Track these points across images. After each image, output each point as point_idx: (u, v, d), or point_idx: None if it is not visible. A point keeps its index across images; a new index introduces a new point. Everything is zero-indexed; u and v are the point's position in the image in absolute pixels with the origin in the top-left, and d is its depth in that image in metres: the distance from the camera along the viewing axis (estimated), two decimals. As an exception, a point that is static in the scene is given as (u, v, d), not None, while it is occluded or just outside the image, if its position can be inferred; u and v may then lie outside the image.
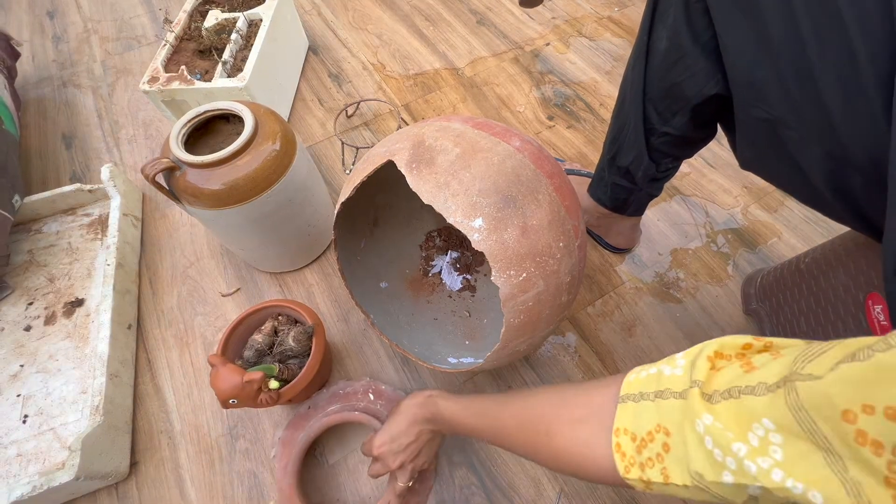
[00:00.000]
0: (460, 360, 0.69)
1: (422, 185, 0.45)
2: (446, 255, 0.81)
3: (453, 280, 0.79)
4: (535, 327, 0.49)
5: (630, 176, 0.67)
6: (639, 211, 0.75)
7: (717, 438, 0.24)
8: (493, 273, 0.44)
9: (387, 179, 0.60)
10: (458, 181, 0.44)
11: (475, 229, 0.43)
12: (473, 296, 0.78)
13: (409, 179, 0.45)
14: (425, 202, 0.44)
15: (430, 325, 0.75)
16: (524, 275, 0.44)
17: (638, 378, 0.31)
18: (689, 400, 0.26)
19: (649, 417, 0.28)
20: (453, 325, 0.75)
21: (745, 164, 0.51)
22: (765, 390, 0.23)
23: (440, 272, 0.80)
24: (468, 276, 0.79)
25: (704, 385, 0.26)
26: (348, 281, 0.64)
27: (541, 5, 1.25)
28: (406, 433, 0.52)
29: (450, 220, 0.43)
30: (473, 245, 0.43)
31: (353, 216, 0.70)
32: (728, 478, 0.24)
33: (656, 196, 0.72)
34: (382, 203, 0.75)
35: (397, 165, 0.47)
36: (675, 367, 0.29)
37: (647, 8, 0.52)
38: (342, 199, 0.54)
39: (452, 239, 0.82)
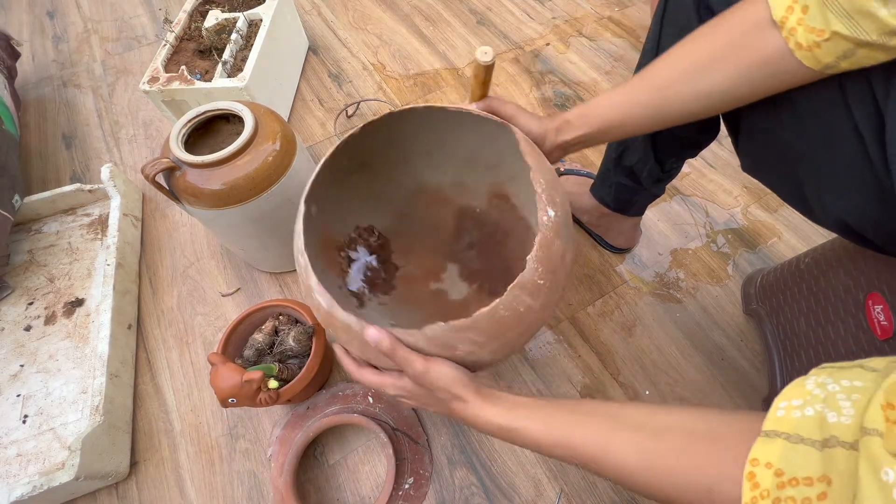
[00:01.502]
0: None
1: (529, 153, 0.46)
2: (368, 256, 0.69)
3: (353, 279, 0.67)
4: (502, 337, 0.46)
5: (634, 176, 0.67)
6: (640, 211, 0.75)
7: None
8: (529, 256, 0.41)
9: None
10: (551, 175, 0.46)
11: (549, 215, 0.43)
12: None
13: (522, 145, 0.47)
14: (528, 164, 0.45)
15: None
16: (542, 281, 0.42)
17: (790, 416, 0.28)
18: (867, 447, 0.24)
19: (810, 464, 0.26)
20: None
21: (747, 168, 0.51)
22: None
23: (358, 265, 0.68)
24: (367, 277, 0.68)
25: (887, 440, 0.24)
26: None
27: (541, 5, 1.25)
28: (434, 410, 0.46)
29: (536, 188, 0.43)
30: (539, 225, 0.42)
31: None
32: None
33: (659, 196, 0.72)
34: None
35: (519, 131, 0.49)
36: (840, 415, 0.26)
37: (657, 9, 0.52)
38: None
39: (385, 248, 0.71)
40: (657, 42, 0.53)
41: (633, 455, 0.33)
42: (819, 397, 0.27)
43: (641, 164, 0.64)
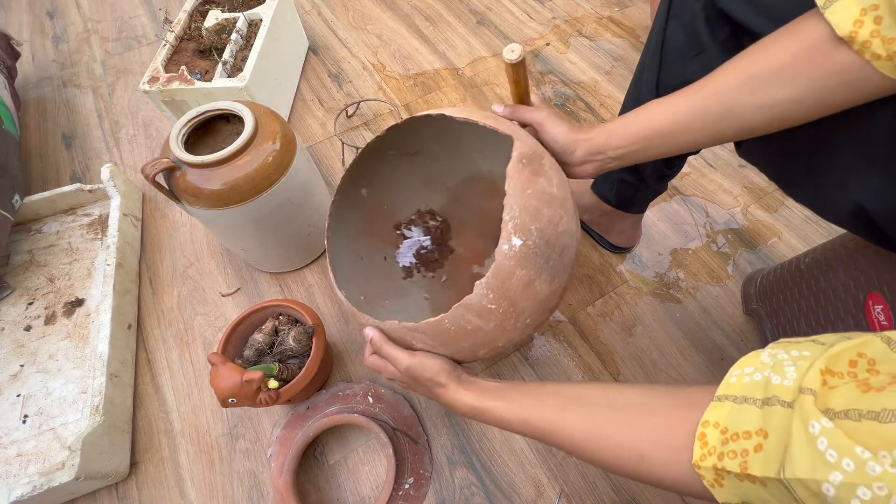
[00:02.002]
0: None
1: (514, 175, 0.45)
2: (421, 237, 0.78)
3: (404, 256, 0.76)
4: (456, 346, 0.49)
5: (638, 173, 0.67)
6: (642, 209, 0.75)
7: (836, 441, 0.24)
8: (479, 281, 0.43)
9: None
10: (536, 201, 0.44)
11: (511, 244, 0.42)
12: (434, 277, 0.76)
13: (512, 164, 0.45)
14: (506, 188, 0.44)
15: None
16: (493, 307, 0.44)
17: (741, 382, 0.31)
18: (801, 404, 0.26)
19: (750, 419, 0.28)
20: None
21: (744, 153, 0.50)
22: (892, 417, 0.23)
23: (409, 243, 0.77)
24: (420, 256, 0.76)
25: (819, 399, 0.26)
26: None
27: (541, 5, 1.25)
28: (424, 396, 0.52)
29: (504, 216, 0.43)
30: (496, 252, 0.43)
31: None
32: (836, 478, 0.24)
33: (661, 192, 0.72)
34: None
35: (514, 148, 0.46)
36: (784, 378, 0.29)
37: (662, 4, 0.52)
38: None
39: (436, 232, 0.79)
40: (661, 41, 0.53)
41: (579, 427, 0.38)
42: (768, 365, 0.30)
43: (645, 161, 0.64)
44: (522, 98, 0.52)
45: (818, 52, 0.35)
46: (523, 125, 0.51)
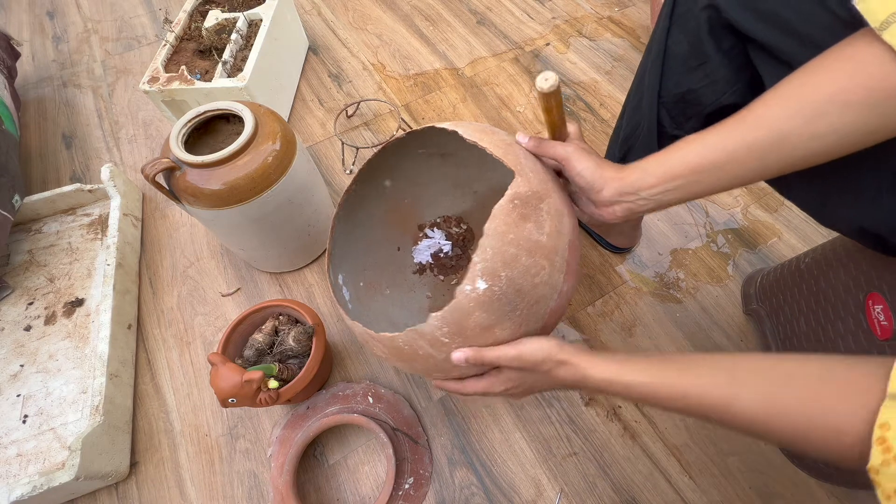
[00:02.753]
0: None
1: (499, 217, 0.42)
2: (441, 239, 0.79)
3: (421, 253, 0.77)
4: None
5: None
6: None
7: None
8: (435, 313, 0.43)
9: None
10: (515, 248, 0.42)
11: (475, 286, 0.41)
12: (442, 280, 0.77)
13: (501, 203, 0.43)
14: (485, 229, 0.42)
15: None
16: (446, 340, 0.43)
17: None
18: None
19: None
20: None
21: None
22: None
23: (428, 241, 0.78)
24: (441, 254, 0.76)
25: None
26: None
27: (541, 5, 1.25)
28: (543, 388, 0.47)
29: (474, 257, 0.42)
30: (457, 290, 0.42)
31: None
32: None
33: None
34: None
35: (511, 186, 0.43)
36: None
37: (663, 9, 0.52)
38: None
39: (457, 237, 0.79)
40: (664, 48, 0.52)
41: (758, 403, 0.33)
42: None
43: None
44: (555, 128, 0.48)
45: (877, 75, 0.32)
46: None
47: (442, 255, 0.75)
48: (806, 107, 0.35)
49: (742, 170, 0.38)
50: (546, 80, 0.42)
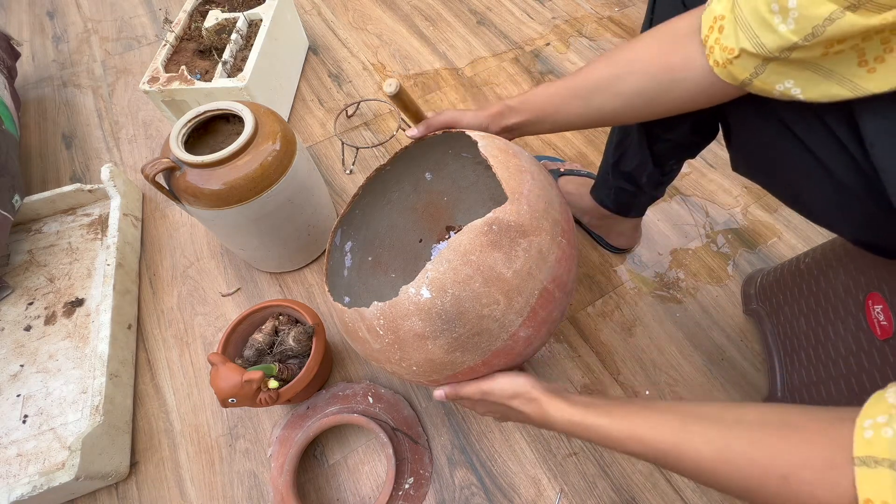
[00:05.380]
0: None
1: (468, 234, 0.41)
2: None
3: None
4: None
5: (634, 180, 0.67)
6: (641, 212, 0.75)
7: None
8: (377, 302, 0.44)
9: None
10: (472, 270, 0.41)
11: (419, 292, 0.41)
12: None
13: (476, 222, 0.42)
14: (449, 241, 0.42)
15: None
16: (381, 332, 0.45)
17: (882, 437, 0.26)
18: None
19: None
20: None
21: (736, 169, 0.51)
22: None
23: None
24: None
25: None
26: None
27: (541, 5, 1.25)
28: (516, 420, 0.48)
29: (428, 264, 0.41)
30: (402, 289, 0.42)
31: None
32: None
33: (659, 197, 0.72)
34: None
35: (495, 210, 0.42)
36: None
37: (646, 17, 0.52)
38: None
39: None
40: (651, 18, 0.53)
41: (706, 448, 0.33)
42: None
43: (640, 169, 0.64)
44: (418, 117, 0.57)
45: (679, 46, 0.40)
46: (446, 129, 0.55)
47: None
48: (614, 70, 0.45)
49: (575, 110, 0.48)
50: (390, 86, 0.51)
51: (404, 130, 0.84)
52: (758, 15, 0.32)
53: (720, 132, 0.55)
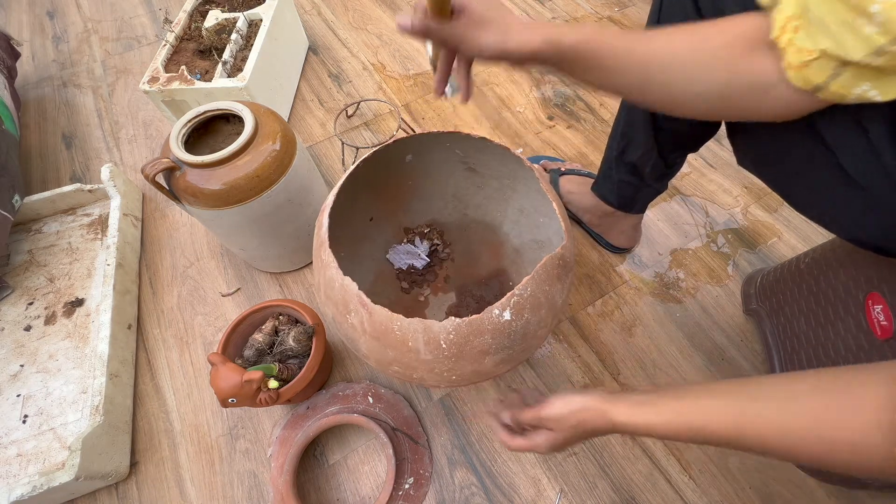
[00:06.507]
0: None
1: (546, 267, 0.46)
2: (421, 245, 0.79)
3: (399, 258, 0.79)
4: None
5: (638, 172, 0.67)
6: (642, 209, 0.75)
7: None
8: (453, 318, 0.44)
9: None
10: (544, 298, 0.47)
11: (502, 314, 0.44)
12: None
13: (552, 256, 0.47)
14: (534, 272, 0.45)
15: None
16: (444, 346, 0.45)
17: None
18: None
19: None
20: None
21: (742, 162, 0.51)
22: None
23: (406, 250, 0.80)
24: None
25: None
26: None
27: (541, 5, 1.25)
28: (576, 442, 0.47)
29: (516, 290, 0.44)
30: (486, 310, 0.43)
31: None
32: None
33: (662, 191, 0.72)
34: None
35: (560, 245, 0.49)
36: None
37: (652, 8, 0.52)
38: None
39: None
40: (657, 18, 0.52)
41: (769, 426, 0.33)
42: None
43: (645, 160, 0.64)
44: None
45: (747, 50, 0.35)
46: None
47: (413, 270, 0.78)
48: (678, 56, 0.38)
49: (633, 80, 0.40)
50: None
51: (405, 131, 0.84)
52: (838, 17, 0.29)
53: (722, 126, 0.55)
